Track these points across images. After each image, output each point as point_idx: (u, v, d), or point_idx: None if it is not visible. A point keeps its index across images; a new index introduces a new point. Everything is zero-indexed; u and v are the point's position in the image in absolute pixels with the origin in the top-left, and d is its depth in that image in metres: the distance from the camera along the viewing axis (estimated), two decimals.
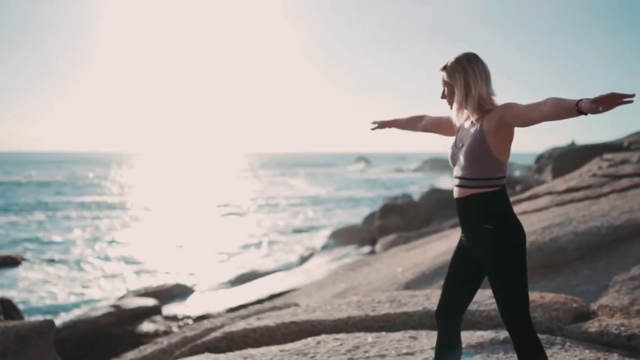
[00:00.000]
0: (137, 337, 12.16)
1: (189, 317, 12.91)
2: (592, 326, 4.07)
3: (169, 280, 17.88)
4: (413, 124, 3.08)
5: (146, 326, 12.58)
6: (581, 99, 2.05)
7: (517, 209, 8.56)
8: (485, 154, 2.46)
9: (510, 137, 2.48)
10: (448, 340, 2.75)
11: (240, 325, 4.84)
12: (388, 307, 4.72)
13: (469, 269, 2.64)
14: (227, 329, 4.83)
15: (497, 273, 2.49)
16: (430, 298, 4.79)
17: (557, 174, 14.92)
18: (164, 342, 5.30)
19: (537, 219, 8.07)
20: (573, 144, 25.19)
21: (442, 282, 7.30)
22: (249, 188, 64.34)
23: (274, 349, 4.18)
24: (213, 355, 4.23)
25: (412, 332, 4.23)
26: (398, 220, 22.66)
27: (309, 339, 4.31)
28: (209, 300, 14.91)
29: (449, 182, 58.12)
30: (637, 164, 9.59)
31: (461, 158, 2.53)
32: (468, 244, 2.61)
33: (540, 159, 29.01)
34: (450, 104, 2.61)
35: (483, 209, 2.49)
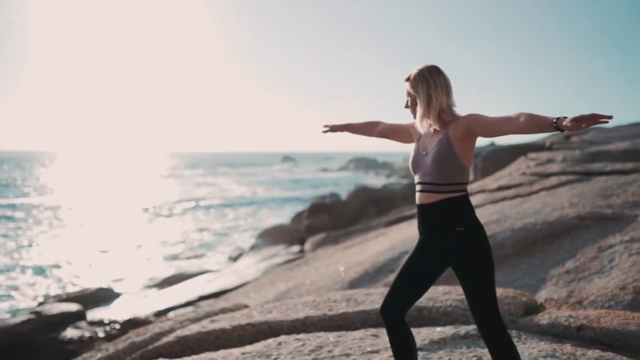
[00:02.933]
0: (60, 344, 11.56)
1: (115, 322, 12.45)
2: (543, 319, 4.25)
3: (92, 284, 17.13)
4: (368, 129, 3.18)
5: (70, 332, 12.00)
6: (559, 117, 2.19)
7: None
8: (452, 161, 2.57)
9: (473, 145, 2.62)
10: (401, 334, 2.75)
11: (193, 328, 4.69)
12: (345, 306, 4.72)
13: (426, 271, 2.69)
14: (179, 332, 4.66)
15: (472, 273, 2.58)
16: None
17: (485, 173, 15.55)
18: (109, 348, 5.04)
19: None
20: (493, 144, 26.33)
21: (386, 280, 7.45)
22: (175, 188, 62.78)
23: (235, 351, 4.07)
24: None
25: (372, 330, 4.25)
26: (326, 219, 22.84)
27: (269, 340, 4.23)
28: (135, 303, 14.43)
29: (374, 180, 59.27)
30: (563, 162, 10.16)
31: (428, 165, 2.62)
32: (433, 247, 2.66)
33: None
34: (414, 113, 2.73)
35: (452, 213, 2.58)
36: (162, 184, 69.81)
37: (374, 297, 4.86)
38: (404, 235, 9.39)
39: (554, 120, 2.19)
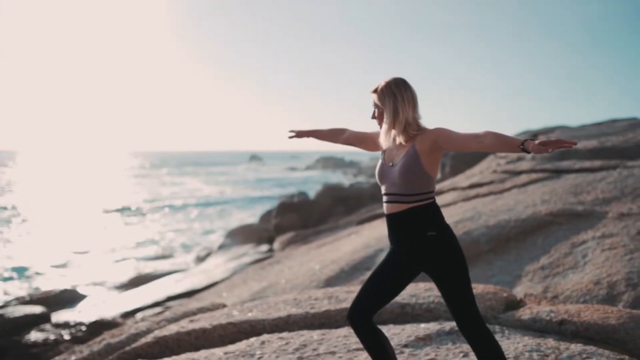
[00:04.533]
0: (24, 347, 11.22)
1: (81, 324, 12.13)
2: (524, 314, 4.29)
3: (57, 286, 16.68)
4: (334, 136, 3.23)
5: (34, 335, 11.65)
6: (526, 140, 2.30)
7: None
8: (419, 173, 2.62)
9: (440, 157, 2.69)
10: (370, 335, 2.76)
11: (172, 328, 4.58)
12: (327, 304, 4.68)
13: (397, 278, 2.72)
14: (158, 333, 4.55)
15: (447, 275, 2.63)
16: None
17: (455, 171, 15.71)
18: (83, 350, 4.88)
19: (447, 213, 8.40)
20: None
21: (362, 278, 7.44)
22: (140, 188, 61.72)
23: (217, 351, 3.99)
24: None
25: None
26: (295, 218, 22.81)
27: (252, 340, 4.16)
28: (101, 305, 14.11)
29: (342, 179, 59.41)
30: (533, 160, 10.31)
31: (395, 176, 2.67)
32: (404, 254, 2.69)
33: None
34: (380, 125, 2.77)
35: (422, 220, 2.64)
36: (127, 184, 68.55)
37: (355, 295, 4.83)
38: (377, 233, 9.40)
39: (522, 143, 2.29)
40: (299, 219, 22.77)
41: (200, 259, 20.13)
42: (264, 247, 18.78)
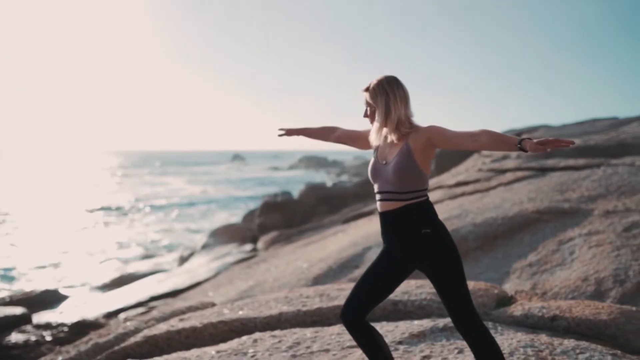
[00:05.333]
0: (4, 349, 11.02)
1: (64, 325, 11.93)
2: (516, 310, 4.30)
3: (38, 286, 16.42)
4: (325, 134, 3.19)
5: (15, 337, 11.44)
6: (523, 139, 2.31)
7: None
8: (413, 171, 2.61)
9: (433, 155, 2.68)
10: (364, 333, 2.75)
11: (162, 327, 4.51)
12: (319, 302, 4.65)
13: (390, 277, 2.71)
14: (147, 332, 4.48)
15: (443, 272, 2.61)
16: None
17: (440, 169, 15.78)
18: (69, 351, 4.79)
19: None
20: None
21: (350, 276, 7.43)
22: (123, 188, 61.08)
23: (209, 350, 3.94)
24: None
25: None
26: (278, 217, 22.75)
27: (244, 338, 4.12)
28: (83, 305, 13.92)
29: (325, 178, 59.39)
30: (518, 159, 10.40)
31: (389, 174, 2.65)
32: (398, 252, 2.68)
33: None
34: (372, 123, 2.75)
35: (416, 217, 2.62)
36: (109, 184, 67.81)
37: (347, 292, 4.81)
38: (364, 232, 9.40)
39: (519, 142, 2.31)
40: (282, 218, 22.72)
41: (184, 259, 19.94)
42: (248, 247, 18.68)
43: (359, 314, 2.70)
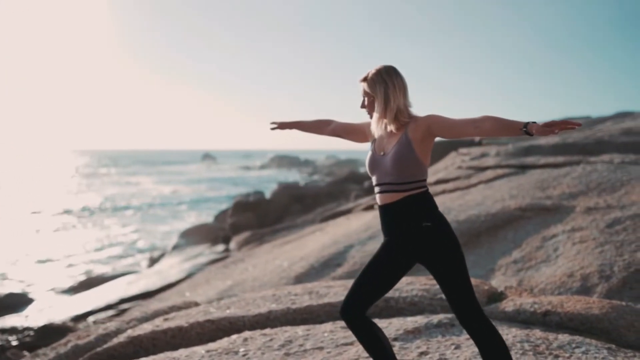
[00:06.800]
0: None
1: (30, 329, 11.55)
2: (508, 306, 4.28)
3: (1, 289, 15.93)
4: (319, 127, 3.13)
5: None
6: (528, 122, 2.26)
7: None
8: (413, 160, 2.57)
9: (432, 145, 2.64)
10: (366, 330, 2.69)
11: (146, 327, 4.36)
12: (308, 299, 4.56)
13: (392, 271, 2.66)
14: (131, 332, 4.32)
15: (445, 265, 2.56)
16: (349, 288, 4.70)
17: None
18: (47, 353, 4.60)
19: None
20: None
21: (333, 274, 7.35)
22: (90, 188, 59.84)
23: (198, 349, 3.81)
24: None
25: (341, 323, 4.11)
26: (251, 217, 22.57)
27: (234, 337, 4.00)
28: (50, 309, 13.53)
29: (297, 178, 59.23)
30: (497, 156, 10.49)
31: (387, 166, 2.61)
32: (399, 246, 2.62)
33: None
34: (370, 114, 2.72)
35: (416, 210, 2.57)
36: (75, 184, 66.39)
37: (336, 290, 4.74)
38: (344, 230, 9.34)
39: (524, 125, 2.26)
40: (255, 218, 22.53)
41: (154, 260, 19.59)
42: (220, 247, 18.43)
43: (359, 310, 2.64)
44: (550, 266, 5.80)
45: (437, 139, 2.71)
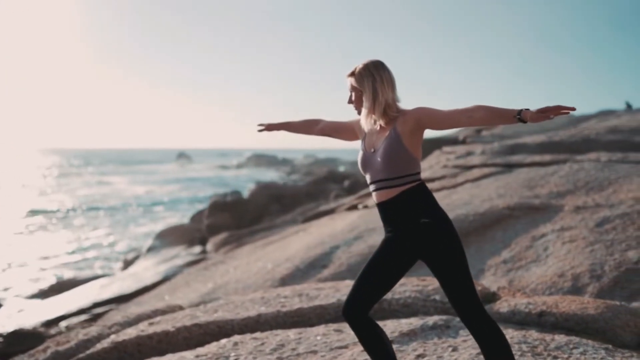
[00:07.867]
0: None
1: None
2: (502, 306, 4.21)
3: None
4: (308, 127, 3.11)
5: None
6: (522, 110, 2.24)
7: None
8: (403, 154, 2.53)
9: (422, 138, 2.61)
10: (369, 331, 2.64)
11: (131, 332, 4.18)
12: (299, 302, 4.43)
13: (393, 269, 2.61)
14: (115, 338, 4.14)
15: (446, 262, 2.51)
16: (339, 289, 4.59)
17: None
18: None
19: None
20: None
21: (319, 276, 7.21)
22: (62, 188, 58.64)
23: (187, 355, 3.66)
24: None
25: (334, 325, 4.00)
26: (228, 218, 22.24)
27: (223, 341, 3.85)
28: (19, 314, 13.10)
29: (275, 177, 58.93)
30: (483, 155, 10.47)
31: (378, 162, 2.58)
32: (400, 242, 2.57)
33: None
34: (358, 109, 2.68)
35: (414, 205, 2.53)
36: (46, 184, 65.03)
37: (327, 292, 4.61)
38: (329, 230, 9.22)
39: (518, 113, 2.23)
40: (232, 218, 22.20)
41: (128, 263, 19.15)
42: (197, 249, 18.11)
43: (362, 309, 2.59)
44: (541, 266, 5.76)
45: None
